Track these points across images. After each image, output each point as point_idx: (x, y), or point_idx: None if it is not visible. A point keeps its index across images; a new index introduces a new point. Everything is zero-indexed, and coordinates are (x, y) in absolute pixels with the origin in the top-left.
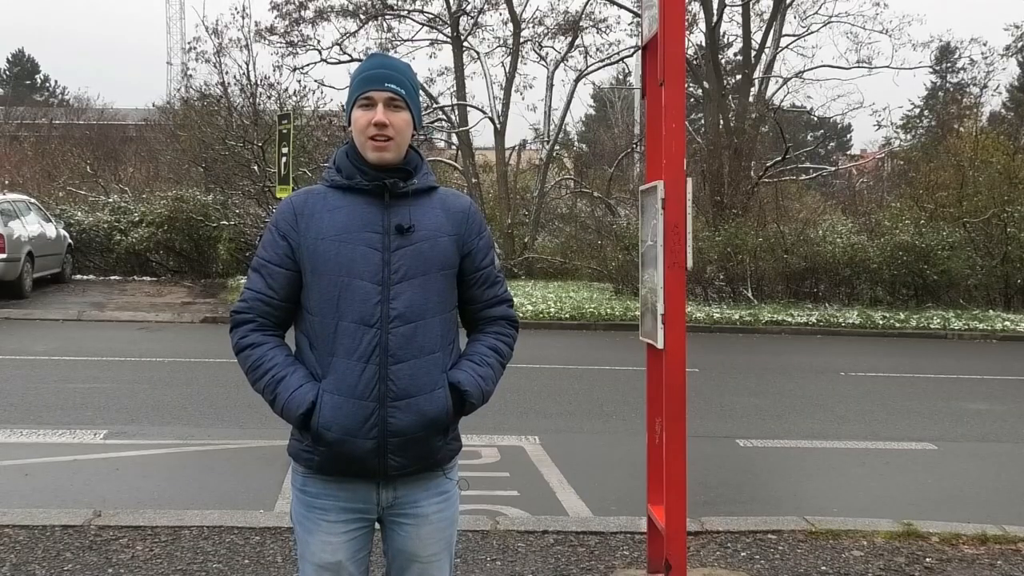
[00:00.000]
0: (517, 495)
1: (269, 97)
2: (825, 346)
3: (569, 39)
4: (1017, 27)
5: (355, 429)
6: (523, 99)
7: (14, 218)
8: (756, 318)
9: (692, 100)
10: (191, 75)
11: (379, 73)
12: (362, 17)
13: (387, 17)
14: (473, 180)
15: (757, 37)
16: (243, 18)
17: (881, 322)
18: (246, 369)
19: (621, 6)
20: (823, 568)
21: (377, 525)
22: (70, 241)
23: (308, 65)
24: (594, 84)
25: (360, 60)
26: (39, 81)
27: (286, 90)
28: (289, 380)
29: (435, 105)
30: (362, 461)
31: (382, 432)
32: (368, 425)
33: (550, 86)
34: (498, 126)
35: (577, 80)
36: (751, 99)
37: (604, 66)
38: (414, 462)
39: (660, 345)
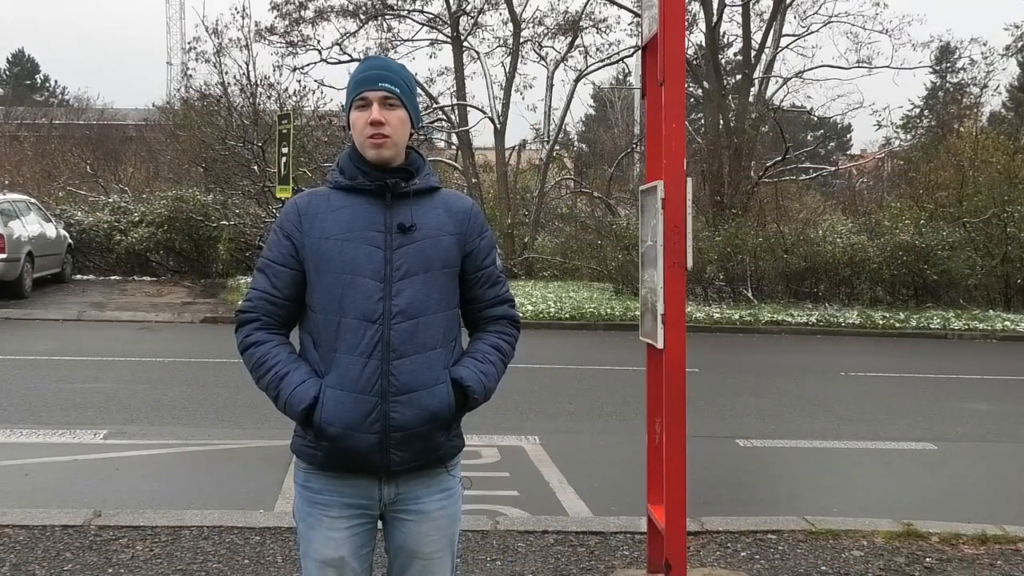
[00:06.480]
0: (517, 495)
1: (269, 97)
2: (825, 346)
3: (569, 39)
4: (1017, 27)
5: (357, 424)
6: (523, 99)
7: (14, 218)
8: (756, 318)
9: (692, 100)
10: (191, 75)
11: (373, 74)
12: (362, 17)
13: (387, 17)
14: (473, 180)
15: (757, 37)
16: (243, 18)
17: (881, 322)
18: (250, 367)
19: (621, 6)
20: (823, 568)
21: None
22: (70, 241)
23: (308, 65)
24: (594, 84)
25: (360, 60)
26: (39, 81)
27: (286, 90)
28: (292, 376)
29: (435, 105)
30: (364, 456)
31: (384, 427)
32: (370, 420)
33: (550, 86)
34: (498, 126)
35: (577, 80)
36: (751, 99)
37: (604, 66)
38: (416, 457)
39: (660, 345)
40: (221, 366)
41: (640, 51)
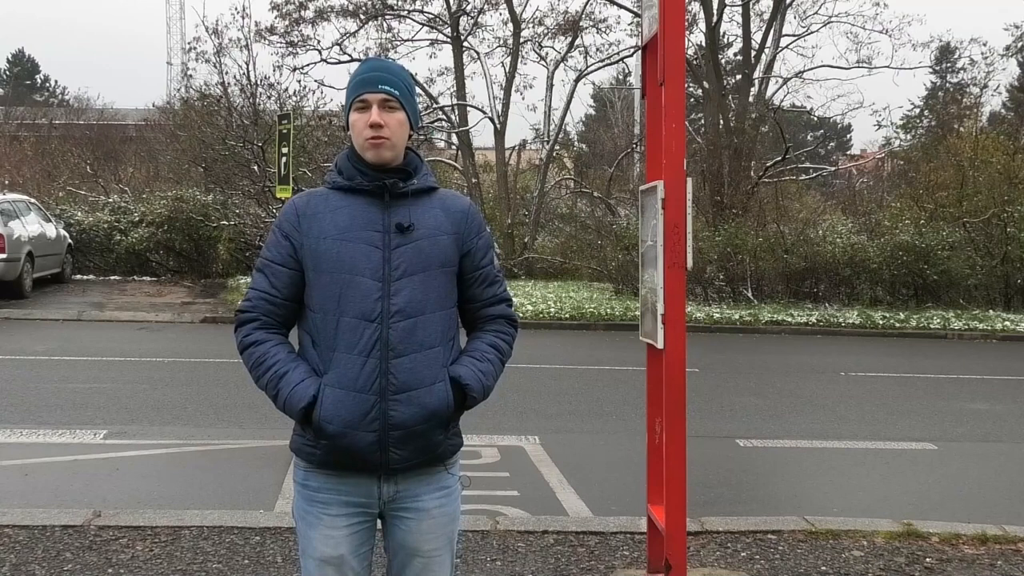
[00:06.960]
0: (517, 495)
1: (269, 97)
2: (825, 346)
3: (569, 39)
4: (1017, 27)
5: (356, 422)
6: (523, 99)
7: (14, 218)
8: (756, 318)
9: (692, 100)
10: (191, 75)
11: (373, 76)
12: (362, 17)
13: (387, 17)
14: (473, 180)
15: (757, 37)
16: (243, 18)
17: (881, 322)
18: (249, 366)
19: (621, 6)
20: (823, 568)
21: (379, 523)
22: (70, 241)
23: (308, 65)
24: (594, 84)
25: (360, 60)
26: (39, 81)
27: (286, 90)
28: (291, 376)
29: (435, 105)
30: (363, 454)
31: (383, 425)
32: (369, 418)
33: (550, 86)
34: (498, 126)
35: (577, 80)
36: (751, 99)
37: (604, 66)
38: (415, 456)
39: (660, 345)
40: (221, 366)
41: (640, 51)
